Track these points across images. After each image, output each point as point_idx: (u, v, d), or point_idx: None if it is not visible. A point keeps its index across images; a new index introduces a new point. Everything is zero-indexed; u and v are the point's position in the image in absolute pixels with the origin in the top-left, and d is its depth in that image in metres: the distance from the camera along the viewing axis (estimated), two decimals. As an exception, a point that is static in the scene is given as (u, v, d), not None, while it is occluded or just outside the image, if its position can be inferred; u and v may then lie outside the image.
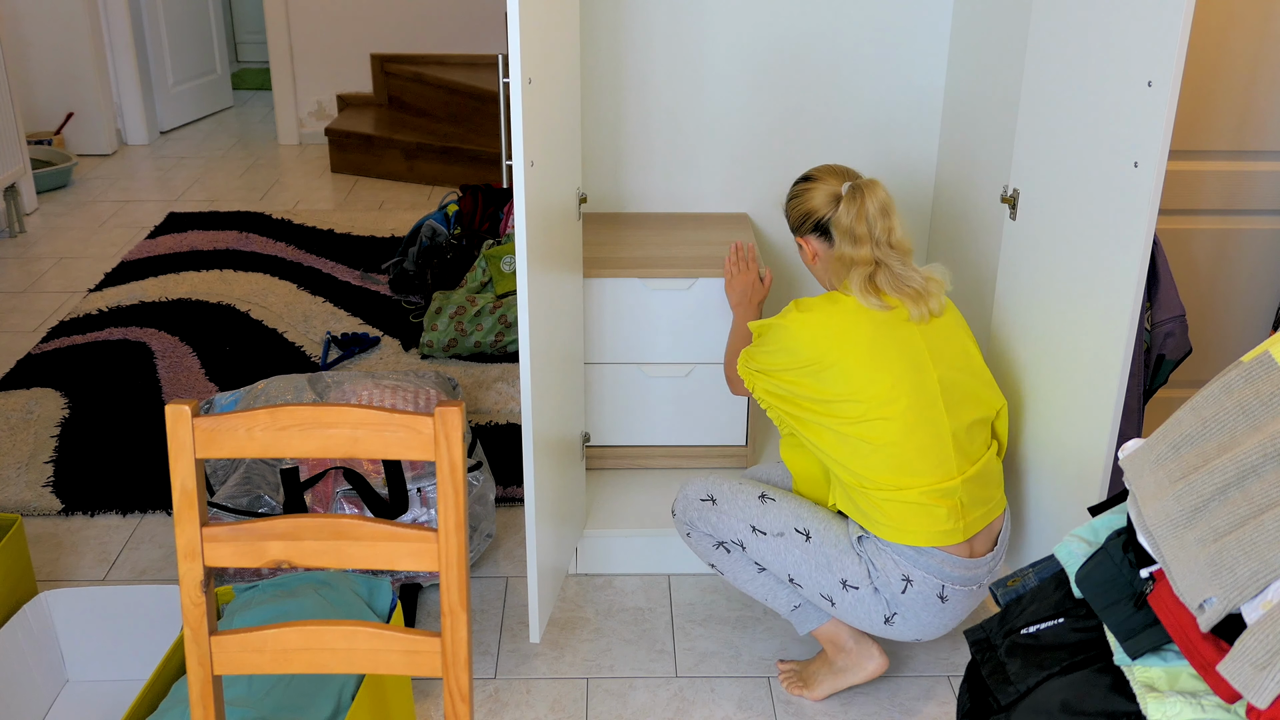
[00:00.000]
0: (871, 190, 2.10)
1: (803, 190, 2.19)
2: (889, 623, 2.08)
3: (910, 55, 2.84)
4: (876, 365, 2.04)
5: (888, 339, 2.06)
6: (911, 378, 2.05)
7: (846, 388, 2.04)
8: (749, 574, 2.19)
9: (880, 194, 2.10)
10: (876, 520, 2.04)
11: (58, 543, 2.73)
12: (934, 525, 2.02)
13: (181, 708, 1.77)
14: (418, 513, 2.40)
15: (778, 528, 2.12)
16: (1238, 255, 2.73)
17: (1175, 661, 1.30)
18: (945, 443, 2.05)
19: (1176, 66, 1.74)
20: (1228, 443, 1.25)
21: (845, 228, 2.09)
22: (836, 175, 2.17)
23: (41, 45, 5.51)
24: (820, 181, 2.17)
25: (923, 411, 2.04)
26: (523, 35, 1.91)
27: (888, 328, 2.07)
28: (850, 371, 2.04)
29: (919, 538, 2.02)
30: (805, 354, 2.07)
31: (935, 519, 2.02)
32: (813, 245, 2.18)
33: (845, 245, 2.10)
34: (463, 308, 3.65)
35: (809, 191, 2.17)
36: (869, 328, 2.06)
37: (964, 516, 2.04)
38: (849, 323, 2.07)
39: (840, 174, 2.17)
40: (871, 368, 2.04)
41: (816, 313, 2.09)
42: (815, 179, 2.18)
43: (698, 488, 2.23)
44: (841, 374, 2.04)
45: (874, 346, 2.05)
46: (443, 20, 5.92)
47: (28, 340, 3.75)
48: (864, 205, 2.08)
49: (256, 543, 1.37)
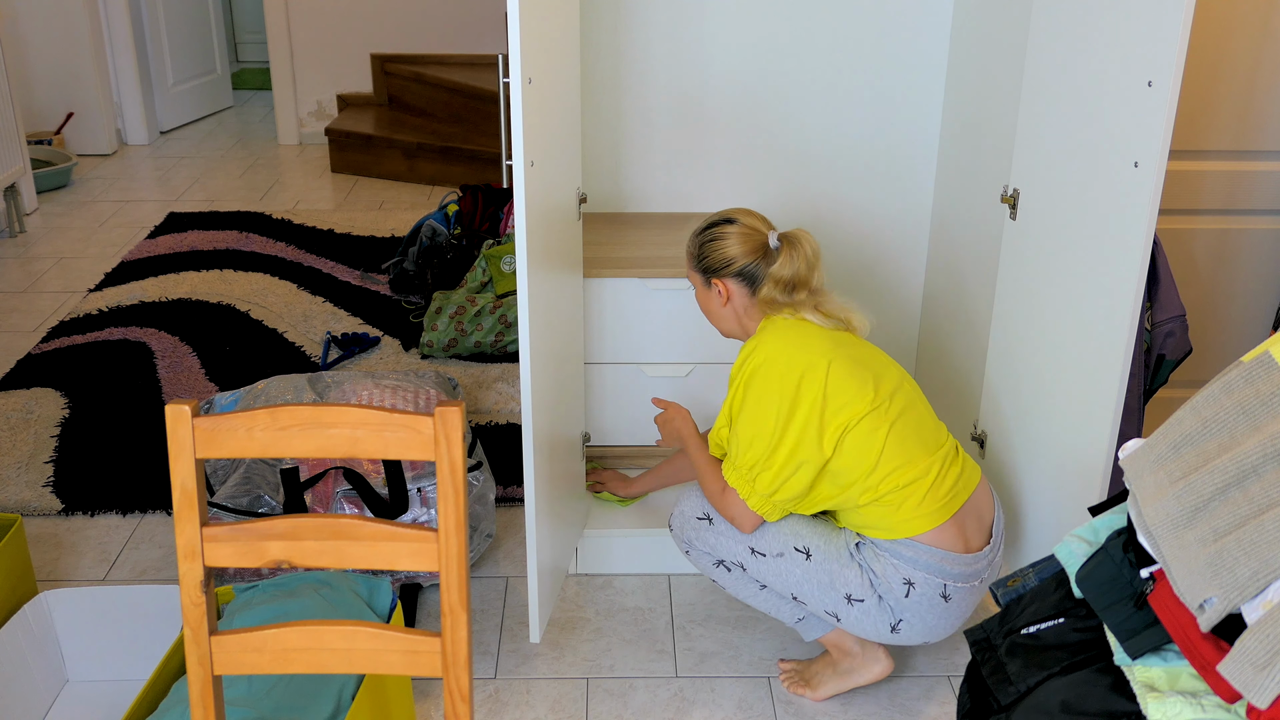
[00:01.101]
0: (801, 241, 2.13)
1: (723, 234, 2.16)
2: (895, 630, 2.08)
3: (910, 55, 2.84)
4: (855, 365, 2.07)
5: (845, 342, 2.11)
6: (877, 375, 2.08)
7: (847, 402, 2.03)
8: (751, 590, 2.19)
9: (808, 245, 2.13)
10: (871, 525, 2.05)
11: (58, 543, 2.73)
12: (920, 509, 2.02)
13: (181, 708, 1.77)
14: (418, 513, 2.40)
15: (777, 548, 2.11)
16: (1238, 255, 2.73)
17: (1175, 661, 1.30)
18: (917, 428, 2.08)
19: (1176, 66, 1.74)
20: (1228, 443, 1.25)
21: (783, 279, 2.11)
22: (758, 220, 2.17)
23: (41, 45, 5.51)
24: (741, 226, 2.16)
25: (897, 403, 2.08)
26: (523, 35, 1.91)
27: (842, 335, 2.13)
28: (842, 377, 2.04)
29: (912, 527, 2.02)
30: (799, 367, 2.04)
31: (920, 503, 2.03)
32: (730, 288, 2.16)
33: (777, 292, 2.12)
34: (463, 308, 3.65)
35: (729, 236, 2.15)
36: (829, 333, 2.11)
37: (947, 490, 2.05)
38: (811, 330, 2.10)
39: (759, 220, 2.18)
40: (852, 366, 2.06)
41: (780, 328, 2.11)
42: (735, 221, 2.16)
43: (694, 504, 2.21)
44: (837, 380, 2.04)
45: (842, 346, 2.09)
46: (443, 20, 5.92)
47: (28, 340, 3.75)
48: (802, 253, 2.11)
49: (256, 543, 1.36)
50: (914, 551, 2.04)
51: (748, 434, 2.06)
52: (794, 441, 2.01)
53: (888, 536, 2.04)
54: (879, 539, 2.05)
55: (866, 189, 2.96)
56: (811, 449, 2.02)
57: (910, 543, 2.04)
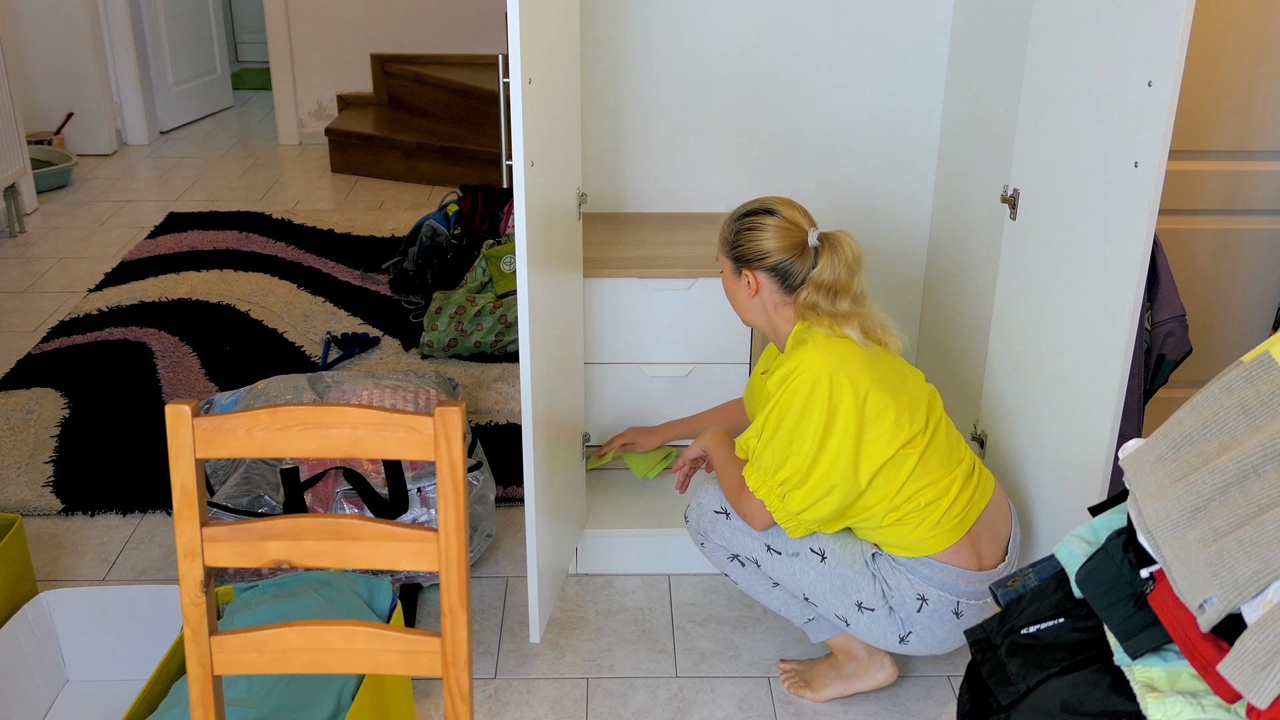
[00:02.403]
0: (844, 244, 2.04)
1: (761, 225, 2.07)
2: (904, 642, 2.08)
3: (911, 55, 2.84)
4: (891, 396, 2.02)
5: (882, 364, 2.05)
6: (912, 403, 2.04)
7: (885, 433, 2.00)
8: (763, 587, 2.19)
9: (853, 246, 2.04)
10: (889, 542, 2.05)
11: (58, 543, 2.73)
12: (938, 528, 2.02)
13: (181, 708, 1.77)
14: (418, 513, 2.40)
15: (793, 547, 2.10)
16: (1238, 255, 2.73)
17: (1175, 661, 1.30)
18: (941, 448, 2.06)
19: (1176, 66, 1.74)
20: (1228, 443, 1.25)
21: (824, 284, 2.03)
22: (800, 214, 2.08)
23: (41, 45, 5.51)
24: (781, 220, 2.07)
25: (928, 432, 2.05)
26: (523, 35, 1.91)
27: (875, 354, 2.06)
28: (880, 409, 1.99)
29: (929, 545, 2.02)
30: (841, 391, 1.97)
31: (938, 522, 2.02)
32: (760, 281, 2.09)
33: (819, 297, 2.03)
34: (463, 308, 3.65)
35: (768, 229, 2.07)
36: (867, 355, 2.04)
37: (963, 506, 2.04)
38: (851, 351, 2.02)
39: (801, 214, 2.08)
40: (889, 398, 2.01)
41: (822, 346, 2.01)
42: (776, 213, 2.07)
43: (712, 498, 2.19)
44: (875, 410, 1.99)
45: (879, 368, 2.04)
46: (443, 20, 5.92)
47: (28, 340, 3.75)
48: (843, 257, 2.03)
49: (256, 543, 1.36)
50: (930, 569, 2.03)
51: (783, 451, 2.01)
52: (828, 465, 1.98)
53: (905, 554, 2.04)
54: (896, 555, 2.05)
55: (866, 189, 2.96)
56: (846, 475, 1.98)
57: (927, 560, 2.04)
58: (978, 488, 2.08)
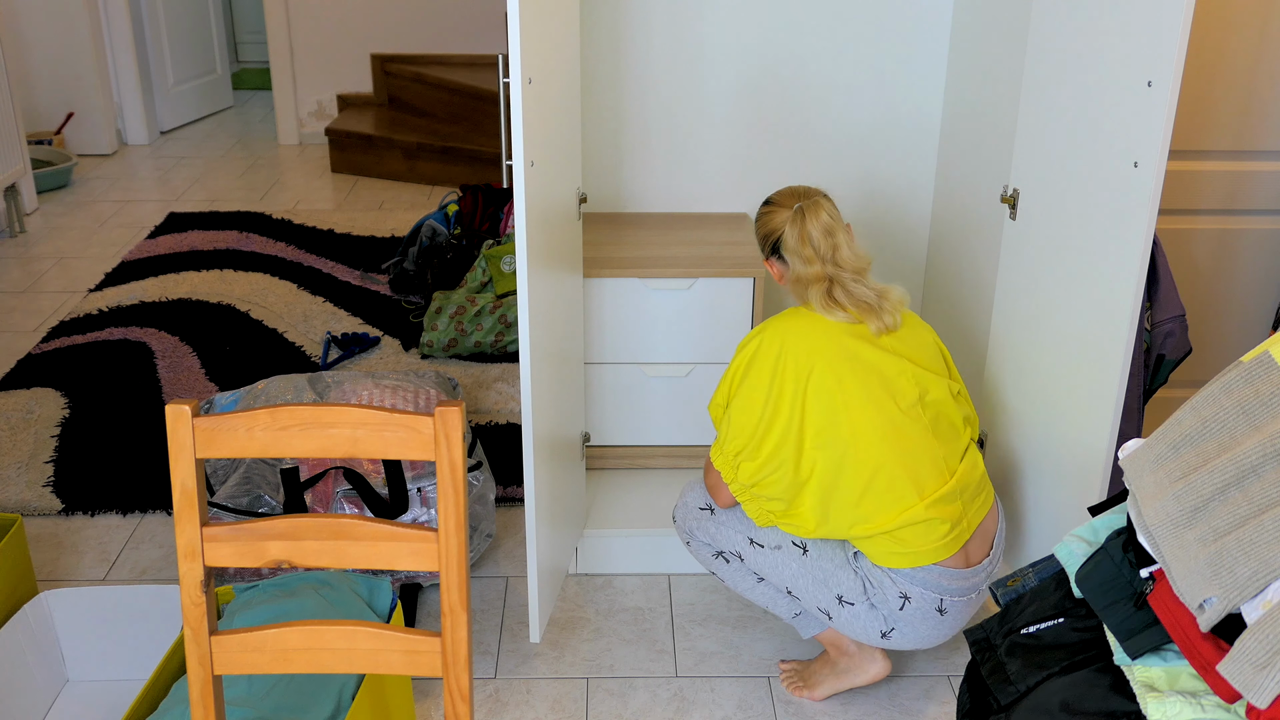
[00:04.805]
0: (814, 211, 2.09)
1: (763, 215, 2.18)
2: (886, 636, 2.08)
3: (911, 55, 2.84)
4: (852, 379, 2.01)
5: (855, 351, 2.04)
6: (881, 397, 2.02)
7: (828, 411, 2.00)
8: (749, 583, 2.19)
9: (823, 215, 2.09)
10: (869, 551, 2.05)
11: (58, 543, 2.73)
12: (925, 544, 2.01)
13: (181, 708, 1.77)
14: (418, 513, 2.40)
15: (775, 540, 2.12)
16: (1238, 255, 2.73)
17: (1175, 661, 1.30)
18: (921, 462, 2.02)
19: (1176, 66, 1.74)
20: (1228, 443, 1.25)
21: (793, 249, 2.10)
22: (793, 196, 2.15)
23: (41, 45, 5.51)
24: (778, 205, 2.15)
25: (897, 437, 2.02)
26: (523, 35, 1.91)
27: (853, 340, 2.05)
28: (829, 389, 2.00)
29: (915, 559, 2.02)
30: (789, 365, 2.02)
31: (928, 537, 2.01)
32: (776, 267, 2.16)
33: (798, 265, 2.10)
34: (463, 308, 3.65)
35: (767, 216, 2.16)
36: (838, 337, 2.04)
37: (955, 525, 2.03)
38: (820, 328, 2.05)
39: (797, 195, 2.14)
40: (848, 382, 2.01)
41: (786, 321, 2.08)
42: (774, 203, 2.16)
43: (697, 496, 2.23)
44: (822, 389, 2.00)
45: (845, 356, 2.03)
46: (443, 20, 5.92)
47: (28, 340, 3.75)
48: (805, 227, 2.08)
49: (256, 543, 1.37)
50: (913, 569, 2.03)
51: (737, 421, 2.07)
52: (775, 442, 2.02)
53: (891, 566, 2.04)
54: (880, 565, 2.05)
55: (866, 189, 2.96)
56: (789, 455, 2.02)
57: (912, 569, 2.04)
58: (975, 500, 2.08)
